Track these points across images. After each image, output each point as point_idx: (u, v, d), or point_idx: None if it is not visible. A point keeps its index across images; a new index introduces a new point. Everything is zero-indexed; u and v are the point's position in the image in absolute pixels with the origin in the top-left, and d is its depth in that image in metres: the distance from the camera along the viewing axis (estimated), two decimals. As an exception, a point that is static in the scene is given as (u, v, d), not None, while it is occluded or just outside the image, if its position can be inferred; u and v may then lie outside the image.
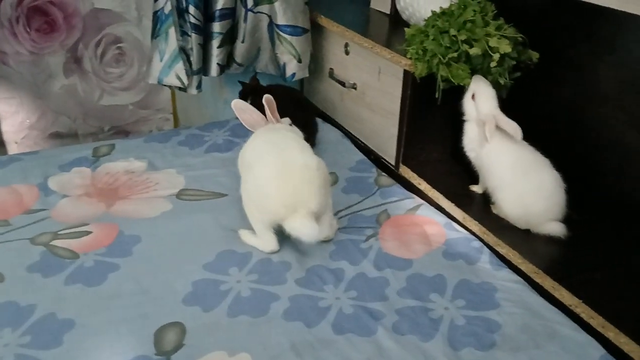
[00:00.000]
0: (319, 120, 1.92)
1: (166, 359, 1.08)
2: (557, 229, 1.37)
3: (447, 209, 1.52)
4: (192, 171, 1.68)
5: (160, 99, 2.37)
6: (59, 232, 1.41)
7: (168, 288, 1.25)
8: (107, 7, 2.15)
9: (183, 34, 1.75)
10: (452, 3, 1.54)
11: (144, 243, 1.39)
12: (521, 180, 1.40)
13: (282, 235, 1.37)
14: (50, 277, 1.27)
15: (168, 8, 1.73)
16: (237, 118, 1.50)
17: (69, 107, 2.26)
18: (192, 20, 1.72)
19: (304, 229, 1.29)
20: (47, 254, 1.34)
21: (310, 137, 1.72)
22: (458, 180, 1.59)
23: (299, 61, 1.90)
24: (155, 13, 1.78)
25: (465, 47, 1.44)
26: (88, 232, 1.41)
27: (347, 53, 1.84)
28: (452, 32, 1.45)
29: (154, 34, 1.80)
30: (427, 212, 1.52)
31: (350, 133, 1.91)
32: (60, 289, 1.24)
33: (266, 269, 1.32)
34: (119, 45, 2.22)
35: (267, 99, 1.48)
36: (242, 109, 1.48)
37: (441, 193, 1.55)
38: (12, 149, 2.20)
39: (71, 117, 2.27)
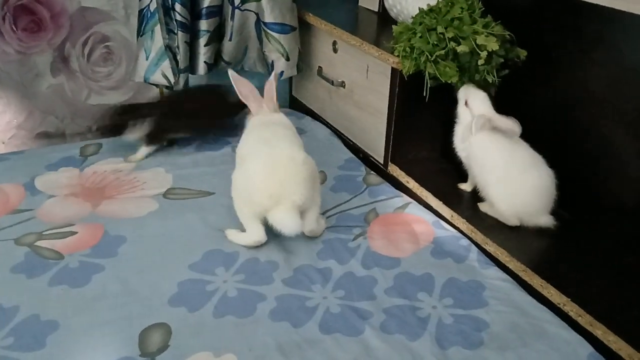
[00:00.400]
0: (308, 119, 1.91)
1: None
2: (547, 221, 1.38)
3: (436, 207, 1.51)
4: (180, 170, 1.67)
5: (148, 98, 2.35)
6: (44, 233, 1.39)
7: (153, 289, 1.24)
8: (95, 6, 2.13)
9: (169, 32, 1.73)
10: (440, 0, 1.53)
11: (129, 243, 1.37)
12: (517, 176, 1.39)
13: (270, 235, 1.36)
14: (34, 278, 1.26)
15: (154, 6, 1.71)
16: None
17: (57, 107, 2.23)
18: (179, 18, 1.71)
19: (286, 220, 1.29)
20: (31, 255, 1.32)
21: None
22: (446, 179, 1.59)
23: (287, 59, 1.89)
24: (140, 11, 1.77)
25: (452, 44, 1.43)
26: (73, 233, 1.40)
27: (335, 51, 1.84)
28: (440, 29, 1.44)
29: (140, 32, 1.78)
30: (415, 211, 1.51)
31: (339, 131, 1.90)
32: (44, 290, 1.23)
33: (253, 269, 1.31)
34: (106, 44, 2.20)
35: (270, 83, 1.52)
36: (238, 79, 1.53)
37: (430, 191, 1.54)
38: (1, 149, 2.18)
39: (59, 116, 2.24)
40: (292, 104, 2.14)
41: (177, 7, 1.70)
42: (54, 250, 1.34)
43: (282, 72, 1.91)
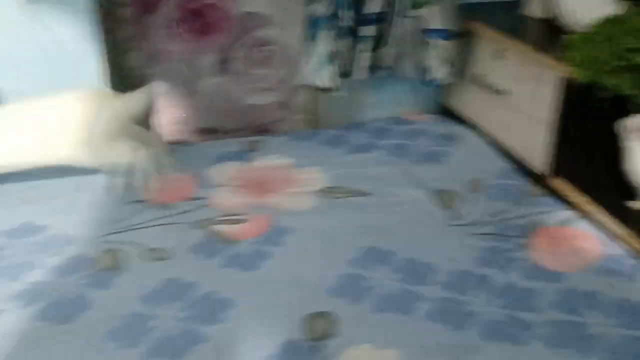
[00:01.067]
0: (462, 127, 1.91)
1: (316, 345, 1.13)
2: None
3: (603, 223, 1.44)
4: (336, 170, 1.72)
5: (300, 100, 2.44)
6: (217, 219, 1.51)
7: (316, 279, 1.30)
8: (258, 11, 2.26)
9: (335, 37, 1.81)
10: (619, 9, 1.47)
11: (293, 235, 1.45)
12: None
13: (425, 237, 1.39)
14: (210, 259, 1.37)
15: (322, 12, 1.79)
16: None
17: (216, 105, 2.39)
18: (344, 24, 1.78)
19: None
20: (206, 238, 1.44)
21: None
22: (615, 194, 1.51)
23: (446, 66, 1.89)
24: (308, 17, 1.86)
25: (633, 55, 1.37)
26: (243, 221, 1.50)
27: (497, 58, 1.81)
28: (620, 39, 1.38)
29: (306, 37, 1.87)
30: (580, 225, 1.46)
31: (497, 140, 1.86)
32: (218, 270, 1.34)
33: (411, 269, 1.33)
34: (266, 47, 2.32)
35: None
36: None
37: (596, 206, 1.47)
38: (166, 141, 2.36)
39: (218, 114, 2.40)
40: (444, 111, 2.13)
41: (345, 13, 1.77)
42: (227, 235, 1.45)
43: (439, 79, 1.92)
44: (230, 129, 2.43)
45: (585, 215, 1.49)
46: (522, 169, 1.73)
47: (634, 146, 1.41)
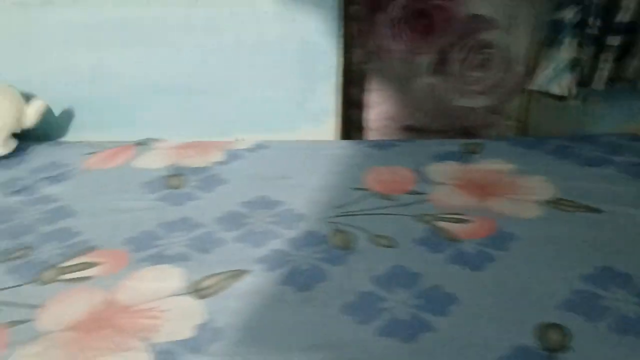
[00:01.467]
0: None
1: (550, 356, 1.10)
2: None
3: None
4: (564, 181, 1.65)
5: (511, 106, 2.38)
6: (439, 215, 1.53)
7: (547, 290, 1.26)
8: (483, 14, 2.24)
9: (579, 44, 1.74)
10: None
11: (520, 242, 1.42)
12: None
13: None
14: (435, 253, 1.39)
15: (570, 17, 1.73)
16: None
17: (426, 104, 2.41)
18: (591, 31, 1.70)
19: None
20: (430, 232, 1.46)
21: None
22: None
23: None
24: (552, 22, 1.81)
25: None
26: (466, 220, 1.50)
27: None
28: None
29: (548, 42, 1.82)
30: None
31: None
32: (444, 265, 1.35)
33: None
34: (485, 50, 2.30)
35: None
36: None
37: None
38: (371, 135, 2.45)
39: (426, 113, 2.42)
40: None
41: (593, 21, 1.69)
42: (450, 232, 1.46)
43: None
44: (435, 129, 2.45)
45: None
46: None
47: None
